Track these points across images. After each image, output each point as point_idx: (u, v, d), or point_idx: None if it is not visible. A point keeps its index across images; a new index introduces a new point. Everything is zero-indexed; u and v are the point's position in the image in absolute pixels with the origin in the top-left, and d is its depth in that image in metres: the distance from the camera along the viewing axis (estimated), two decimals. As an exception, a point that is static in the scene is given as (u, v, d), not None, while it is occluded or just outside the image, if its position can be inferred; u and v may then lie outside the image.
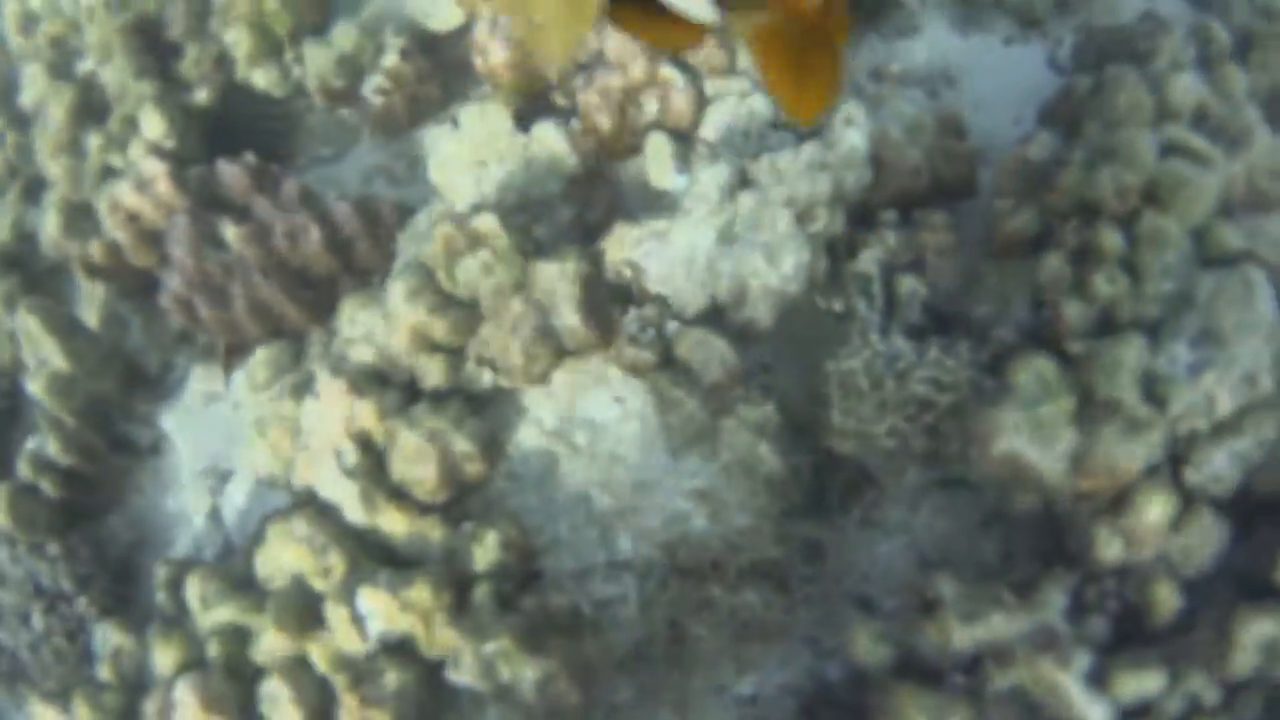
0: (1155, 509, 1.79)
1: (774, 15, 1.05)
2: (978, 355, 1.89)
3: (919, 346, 1.88)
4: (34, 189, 2.46)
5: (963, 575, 1.89)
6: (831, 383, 1.86)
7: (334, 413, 1.92)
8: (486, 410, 1.92)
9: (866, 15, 2.15)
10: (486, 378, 1.89)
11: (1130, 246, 1.90)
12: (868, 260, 1.92)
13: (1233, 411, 1.81)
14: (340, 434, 1.92)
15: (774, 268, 1.87)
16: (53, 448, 2.27)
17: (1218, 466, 1.82)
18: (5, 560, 2.37)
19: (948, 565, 1.92)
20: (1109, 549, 1.83)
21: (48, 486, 2.30)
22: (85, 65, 2.40)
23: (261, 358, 2.10)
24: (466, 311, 1.89)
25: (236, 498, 2.19)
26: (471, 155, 1.97)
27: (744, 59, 1.99)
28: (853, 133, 1.92)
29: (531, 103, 2.04)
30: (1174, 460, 1.84)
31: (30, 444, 2.35)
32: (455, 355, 1.90)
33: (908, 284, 1.92)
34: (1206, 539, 1.83)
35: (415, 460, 1.88)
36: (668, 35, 1.12)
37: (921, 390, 1.86)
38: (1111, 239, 1.88)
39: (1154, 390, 1.82)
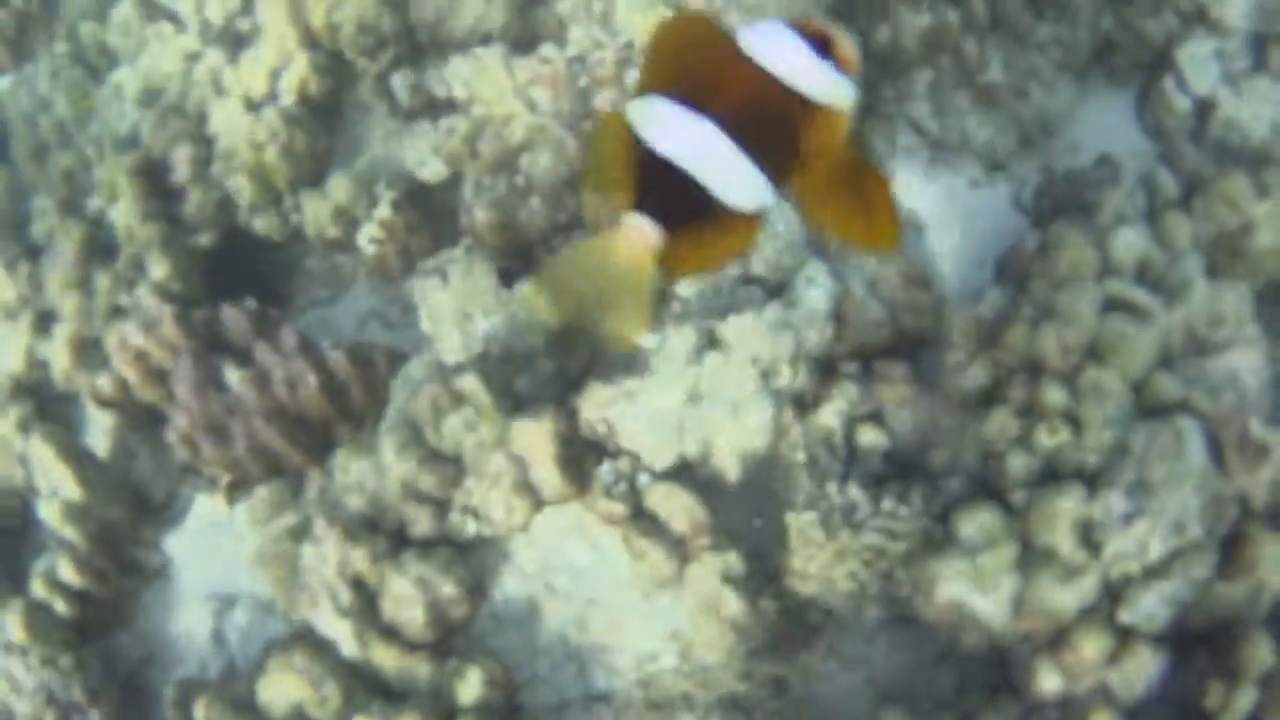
0: (1090, 646, 2.00)
1: (816, 168, 1.17)
2: (930, 504, 2.09)
3: (875, 495, 2.08)
4: (45, 318, 2.66)
5: (918, 707, 2.10)
6: (791, 532, 2.06)
7: (330, 556, 2.12)
8: (471, 556, 2.14)
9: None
10: (471, 526, 2.10)
11: (1073, 399, 2.09)
12: (830, 413, 2.13)
13: (1162, 556, 2.02)
14: (335, 576, 2.13)
15: (739, 424, 2.08)
16: (64, 570, 2.49)
17: (1149, 607, 2.03)
18: (20, 670, 2.59)
19: (904, 697, 2.12)
20: (1049, 682, 2.04)
21: (60, 605, 2.52)
22: (95, 202, 2.60)
23: (262, 495, 2.32)
24: (452, 465, 2.09)
25: (239, 622, 2.41)
26: (458, 308, 2.18)
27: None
28: (814, 292, 2.13)
29: (514, 258, 2.24)
30: (1111, 598, 2.04)
31: (42, 563, 2.57)
32: (442, 505, 2.11)
33: (868, 435, 2.13)
34: (1142, 670, 2.04)
35: (404, 604, 2.10)
36: (721, 246, 1.17)
37: (875, 540, 2.06)
38: (1054, 394, 2.08)
39: (1090, 536, 2.03)
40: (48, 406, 2.68)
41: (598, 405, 2.08)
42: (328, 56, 2.49)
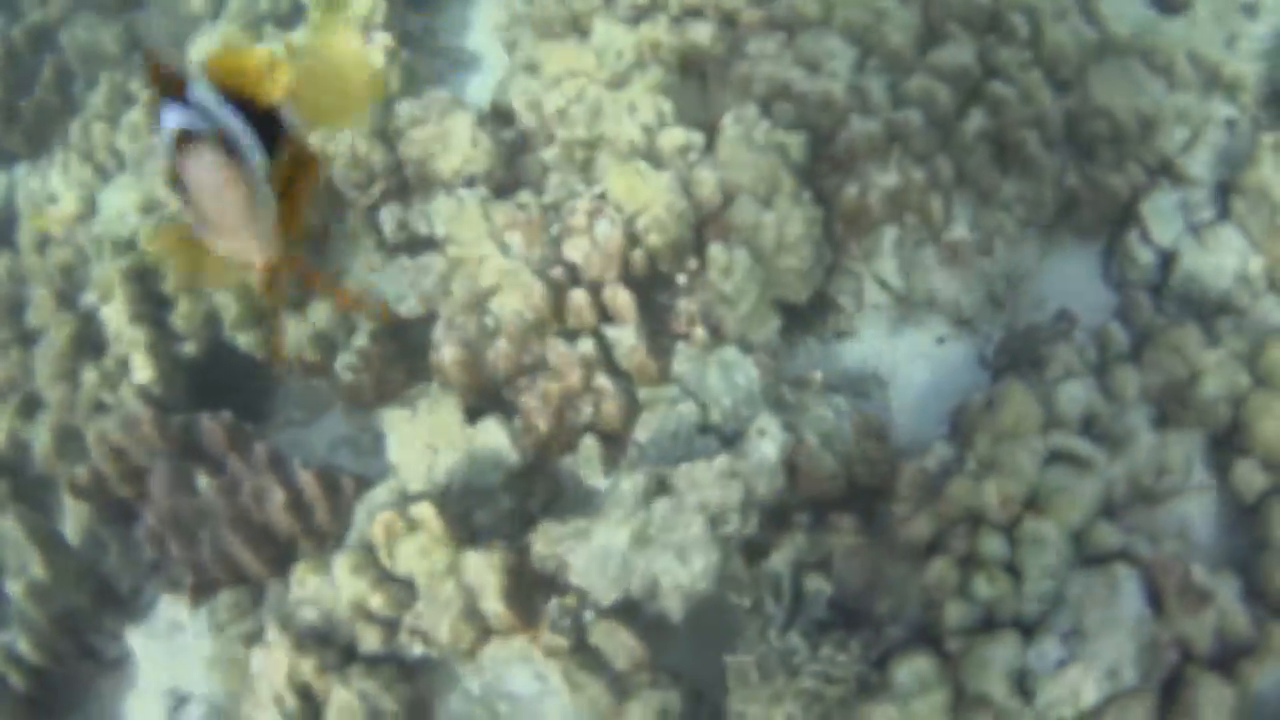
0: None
1: None
2: (869, 651, 2.28)
3: (815, 641, 2.28)
4: (31, 403, 2.93)
5: None
6: (731, 674, 2.26)
7: (280, 663, 2.34)
8: (418, 676, 2.34)
9: (806, 319, 2.58)
10: (419, 648, 2.31)
11: (1013, 549, 2.29)
12: (778, 560, 2.33)
13: (1097, 702, 2.20)
14: (283, 682, 2.34)
15: (685, 567, 2.28)
16: (24, 646, 2.72)
17: (1083, 752, 2.19)
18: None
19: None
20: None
21: (16, 680, 2.74)
22: (88, 298, 2.88)
23: (224, 600, 2.54)
24: (403, 588, 2.31)
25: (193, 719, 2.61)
26: (425, 441, 2.42)
27: (678, 366, 2.42)
28: (765, 443, 2.35)
29: (481, 396, 2.48)
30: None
31: (2, 637, 2.79)
32: (391, 625, 2.32)
33: (814, 583, 2.33)
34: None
35: (346, 715, 2.29)
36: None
37: (811, 684, 2.25)
38: (992, 545, 2.29)
39: (1025, 684, 2.22)
40: (25, 487, 2.93)
41: (549, 542, 2.30)
42: (321, 184, 2.76)
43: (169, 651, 2.72)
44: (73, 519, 2.82)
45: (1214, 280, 2.75)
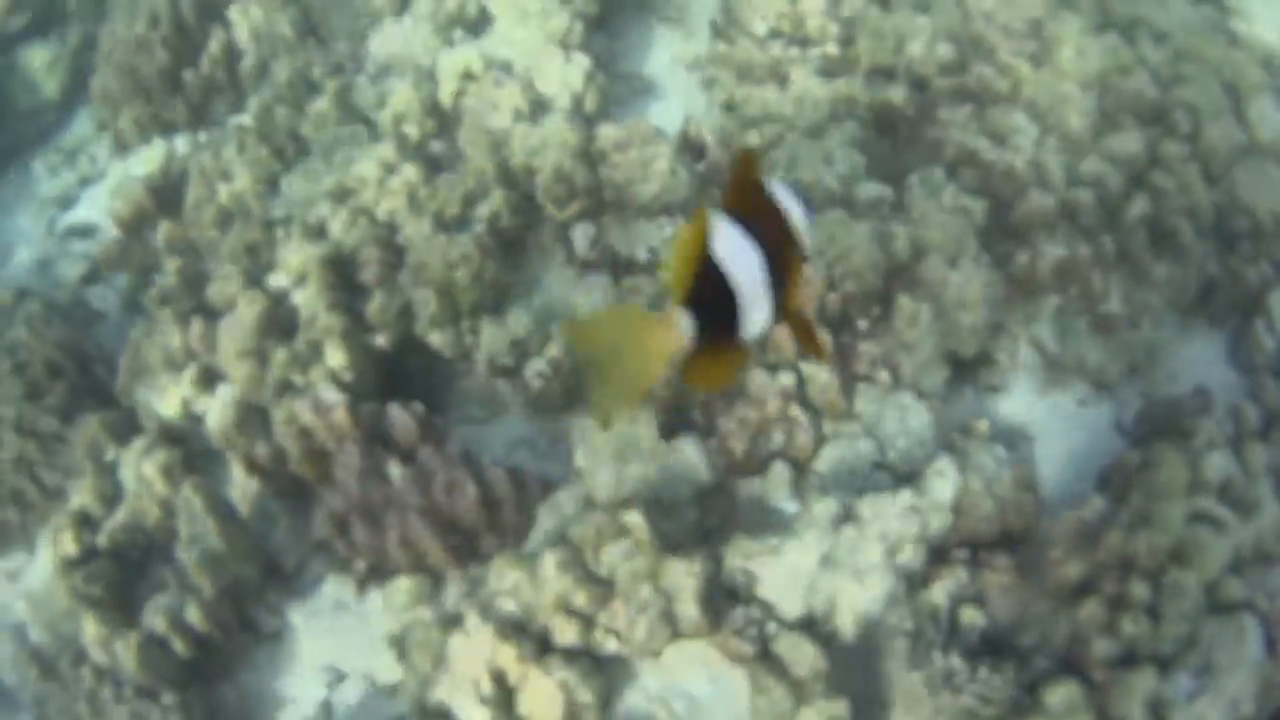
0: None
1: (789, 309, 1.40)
2: (1020, 677, 2.58)
3: (973, 665, 2.57)
4: (207, 375, 3.08)
5: None
6: (897, 689, 2.54)
7: (479, 649, 2.55)
8: (606, 670, 2.57)
9: (966, 370, 2.87)
10: (612, 644, 2.54)
11: (1155, 595, 2.62)
12: (939, 591, 2.62)
13: None
14: (481, 667, 2.56)
15: (863, 590, 2.55)
16: (191, 613, 2.87)
17: (1207, 770, 2.54)
18: (109, 698, 2.96)
19: None
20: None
21: (178, 645, 2.88)
22: (277, 280, 3.04)
23: (404, 585, 2.74)
24: (604, 588, 2.55)
25: (350, 697, 2.81)
26: (615, 451, 2.64)
27: (860, 405, 2.69)
28: (943, 484, 2.63)
29: (672, 414, 2.73)
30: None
31: (161, 601, 2.93)
32: (588, 621, 2.55)
33: (970, 614, 2.62)
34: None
35: (543, 701, 2.52)
36: (729, 370, 1.35)
37: (971, 703, 2.54)
38: (1141, 590, 2.60)
39: (1160, 711, 2.54)
40: (192, 458, 3.08)
41: (742, 556, 2.56)
42: (521, 196, 2.98)
43: (332, 630, 2.91)
44: (241, 492, 2.97)
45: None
